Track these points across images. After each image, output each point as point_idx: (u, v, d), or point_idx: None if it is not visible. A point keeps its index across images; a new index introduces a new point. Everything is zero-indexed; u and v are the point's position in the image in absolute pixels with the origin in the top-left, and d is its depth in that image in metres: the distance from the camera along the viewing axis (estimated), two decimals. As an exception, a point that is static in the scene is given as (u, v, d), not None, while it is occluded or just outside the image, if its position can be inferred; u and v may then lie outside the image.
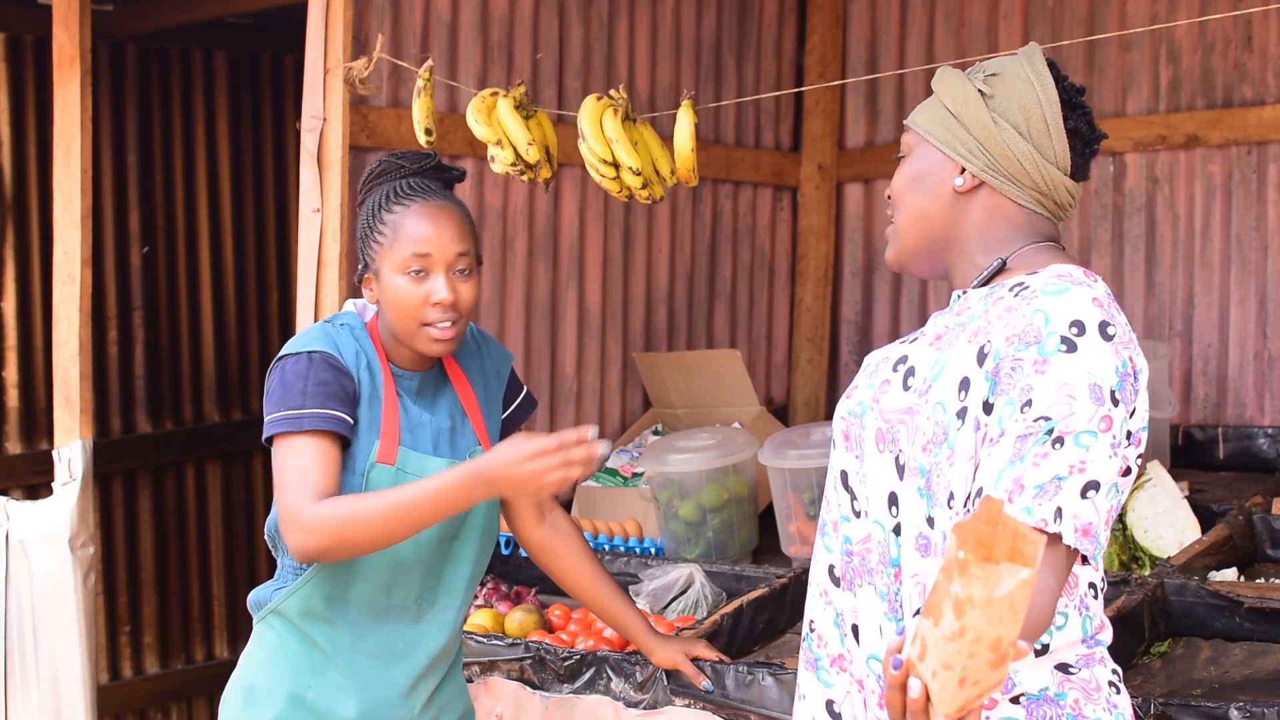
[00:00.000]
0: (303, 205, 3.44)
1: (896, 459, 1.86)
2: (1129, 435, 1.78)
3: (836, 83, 5.13)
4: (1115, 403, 1.73)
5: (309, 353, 2.27)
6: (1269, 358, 4.77)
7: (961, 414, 1.80)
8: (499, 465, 2.11)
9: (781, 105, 5.43)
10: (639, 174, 3.12)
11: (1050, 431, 1.71)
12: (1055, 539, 1.70)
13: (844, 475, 1.95)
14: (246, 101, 5.80)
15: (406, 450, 2.33)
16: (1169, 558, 3.29)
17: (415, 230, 2.31)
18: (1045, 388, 1.72)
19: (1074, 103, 1.94)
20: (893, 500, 1.86)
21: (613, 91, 3.21)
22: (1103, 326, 1.76)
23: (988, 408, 1.77)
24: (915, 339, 1.96)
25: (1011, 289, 1.87)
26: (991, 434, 1.76)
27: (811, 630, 2.01)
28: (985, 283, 1.93)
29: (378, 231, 2.34)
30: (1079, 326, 1.75)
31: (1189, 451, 4.73)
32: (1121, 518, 3.50)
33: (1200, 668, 2.85)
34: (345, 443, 2.27)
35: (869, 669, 1.91)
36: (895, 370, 1.91)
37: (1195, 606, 3.03)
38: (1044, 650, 1.83)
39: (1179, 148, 4.87)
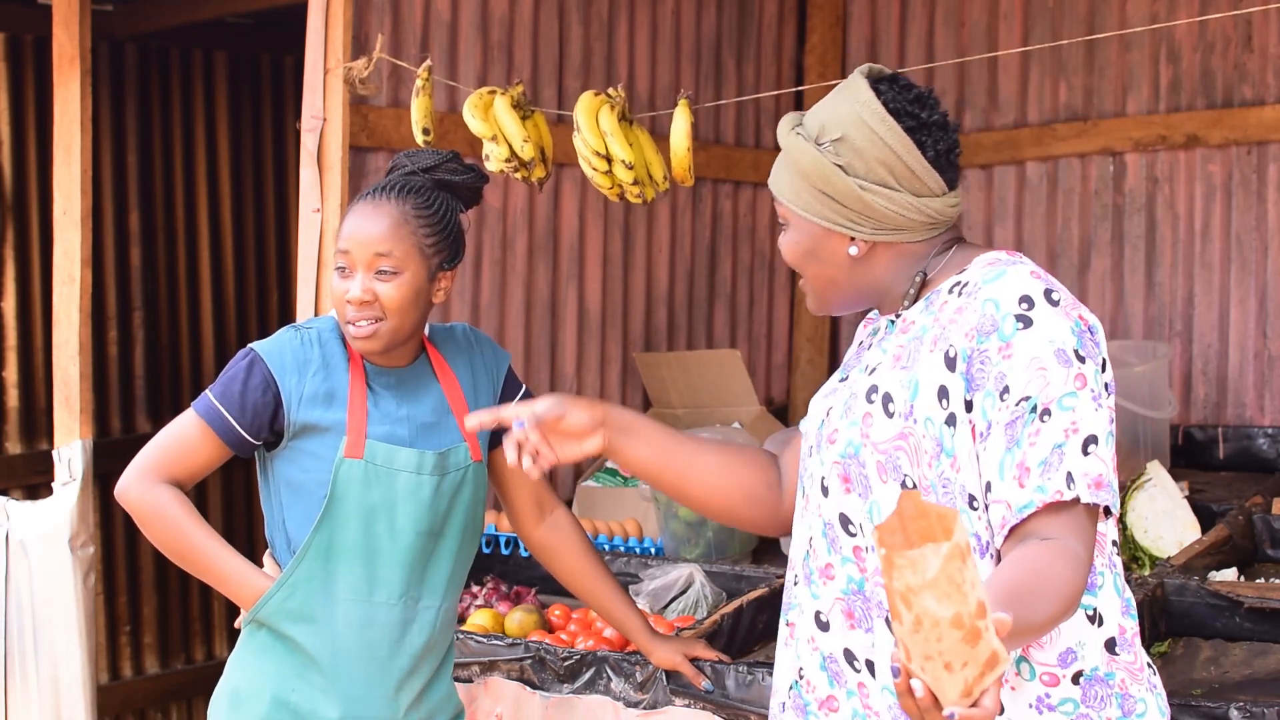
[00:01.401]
0: (303, 205, 3.44)
1: (903, 484, 1.87)
2: (1106, 386, 1.83)
3: (836, 82, 5.12)
4: (1081, 360, 1.78)
5: (254, 355, 2.38)
6: (1269, 358, 4.77)
7: (950, 420, 1.82)
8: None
9: (781, 105, 5.43)
10: (631, 168, 3.10)
11: (1034, 408, 1.76)
12: (1073, 503, 1.74)
13: (843, 519, 1.95)
14: (246, 101, 5.80)
15: (375, 443, 2.35)
16: (1169, 558, 3.29)
17: (345, 227, 2.36)
18: (1016, 369, 1.77)
19: (922, 120, 1.91)
20: None
21: (611, 90, 3.20)
22: (1047, 294, 1.82)
23: (969, 406, 1.81)
24: (872, 369, 1.96)
25: (951, 290, 1.90)
26: (980, 428, 1.80)
27: (800, 678, 2.02)
28: (915, 299, 1.96)
29: None
30: (1028, 301, 1.80)
31: (1189, 451, 4.73)
32: (1121, 518, 3.50)
33: (1200, 668, 2.85)
34: (239, 441, 2.37)
35: (885, 698, 1.92)
36: (871, 401, 1.91)
37: (1195, 606, 3.03)
38: (1094, 616, 1.86)
39: (1179, 148, 4.87)
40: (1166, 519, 3.49)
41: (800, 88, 4.94)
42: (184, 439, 2.39)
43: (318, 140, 3.39)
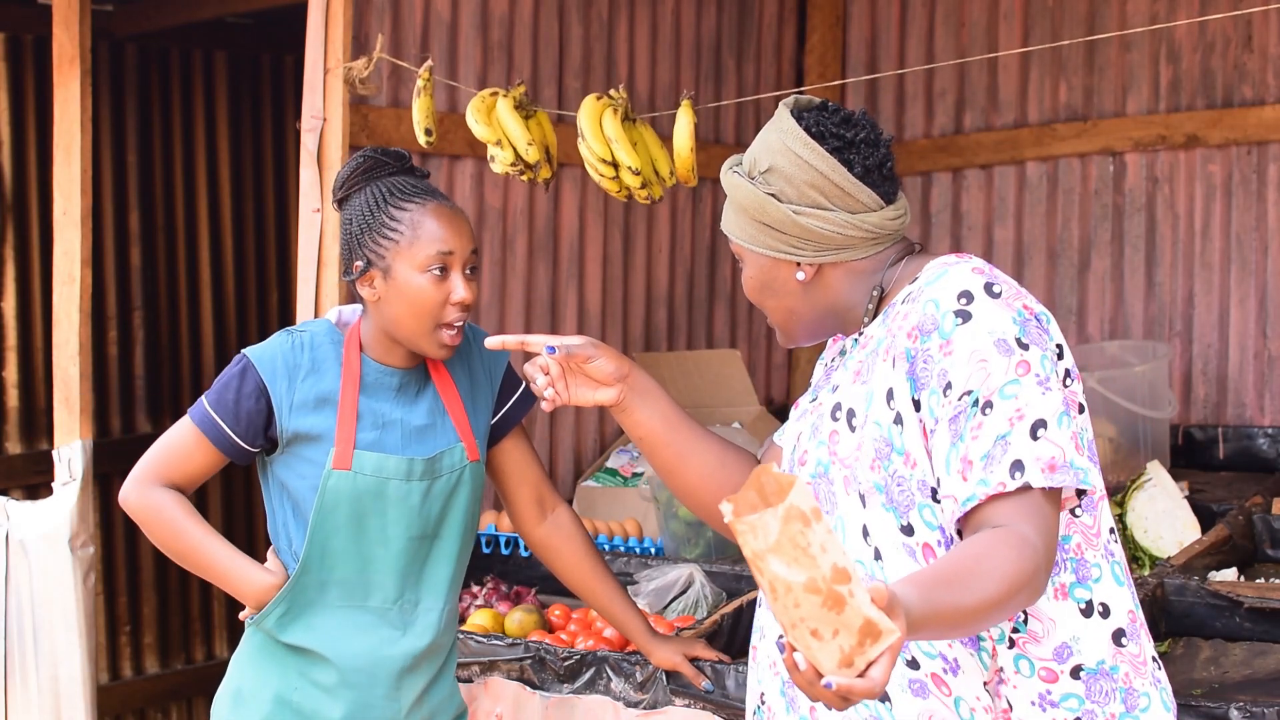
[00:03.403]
0: (303, 205, 3.44)
1: (858, 491, 1.89)
2: (1068, 373, 1.84)
3: (836, 83, 5.13)
4: (1025, 347, 1.79)
5: (246, 361, 2.38)
6: (1269, 358, 4.77)
7: (898, 419, 1.84)
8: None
9: (781, 105, 5.42)
10: (638, 174, 3.11)
11: (976, 402, 1.77)
12: (1022, 491, 1.74)
13: None
14: (246, 101, 5.80)
15: (363, 454, 2.35)
16: (1169, 558, 3.29)
17: (438, 230, 2.33)
18: (957, 364, 1.78)
19: (848, 139, 1.94)
20: (865, 532, 1.89)
21: (612, 91, 3.21)
22: (988, 287, 1.83)
23: (916, 404, 1.83)
24: (836, 387, 1.98)
25: (903, 300, 1.92)
26: (929, 426, 1.81)
27: (762, 703, 2.03)
28: (875, 315, 1.98)
29: (389, 228, 2.33)
30: (967, 296, 1.82)
31: (1189, 451, 4.73)
32: (1121, 518, 3.50)
33: (1200, 668, 2.85)
34: (234, 448, 2.39)
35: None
36: (836, 419, 1.94)
37: (1195, 606, 3.03)
38: (1090, 608, 1.86)
39: (1179, 148, 4.87)
40: (1166, 519, 3.49)
41: (800, 88, 4.94)
42: (180, 446, 2.39)
43: (318, 140, 3.39)
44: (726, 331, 5.28)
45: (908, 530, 1.85)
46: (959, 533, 1.82)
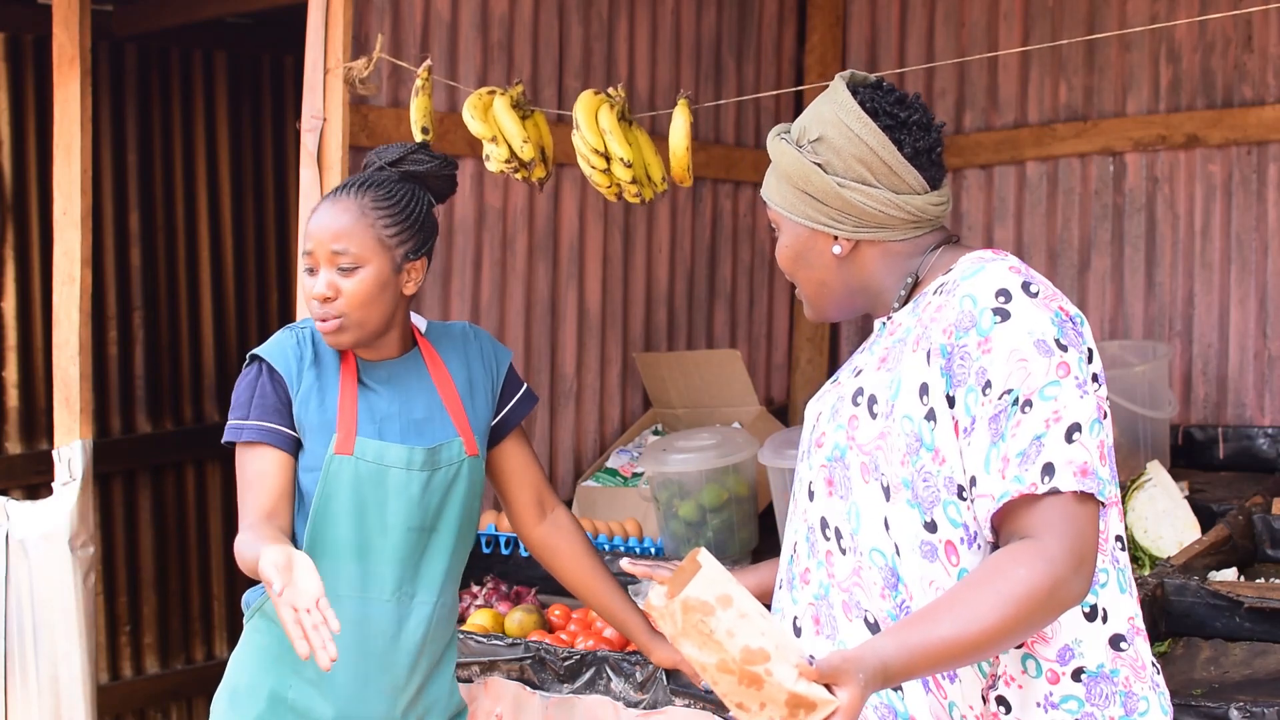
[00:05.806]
0: (303, 205, 3.44)
1: (881, 483, 1.89)
2: (1095, 377, 1.84)
3: (836, 83, 5.09)
4: (1063, 348, 1.79)
5: (260, 361, 2.39)
6: (1269, 358, 4.77)
7: (930, 415, 1.84)
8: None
9: (781, 105, 5.43)
10: (630, 166, 3.11)
11: (1016, 400, 1.77)
12: (1053, 494, 1.74)
13: (823, 521, 1.97)
14: (246, 101, 5.80)
15: (365, 440, 2.36)
16: (1169, 558, 3.29)
17: (309, 225, 2.38)
18: (997, 362, 1.78)
19: (901, 119, 1.95)
20: (886, 524, 1.89)
21: (611, 89, 3.21)
22: (1025, 287, 1.83)
23: (951, 401, 1.82)
24: (859, 372, 1.98)
25: (935, 291, 1.92)
26: (963, 424, 1.81)
27: None
28: (906, 301, 1.98)
29: None
30: (1005, 294, 1.82)
31: (1189, 451, 4.72)
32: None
33: (1200, 668, 2.85)
34: (294, 445, 2.36)
35: None
36: (857, 404, 1.93)
37: (1195, 606, 3.03)
38: (1094, 612, 1.86)
39: (1179, 148, 4.87)
40: (1166, 519, 3.49)
41: (800, 87, 4.93)
42: (253, 474, 2.35)
43: (318, 140, 3.39)
44: (726, 331, 5.28)
45: (930, 527, 1.85)
46: (994, 531, 1.82)
